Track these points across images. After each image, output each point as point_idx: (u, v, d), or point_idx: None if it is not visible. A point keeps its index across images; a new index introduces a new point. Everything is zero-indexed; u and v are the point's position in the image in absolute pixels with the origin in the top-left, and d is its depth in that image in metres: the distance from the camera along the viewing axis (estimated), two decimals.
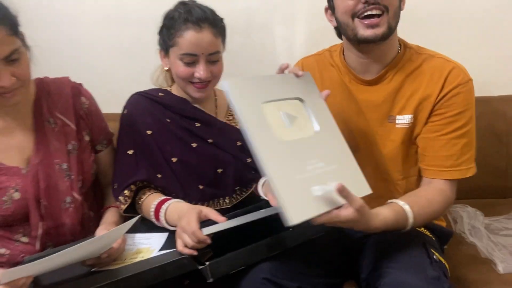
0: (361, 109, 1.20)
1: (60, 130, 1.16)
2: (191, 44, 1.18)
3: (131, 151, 1.23)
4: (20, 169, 1.10)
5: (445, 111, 1.11)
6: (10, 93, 1.02)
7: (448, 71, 1.12)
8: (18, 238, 1.11)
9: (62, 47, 1.75)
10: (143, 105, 1.27)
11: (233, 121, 1.36)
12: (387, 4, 1.06)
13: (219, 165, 1.28)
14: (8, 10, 1.01)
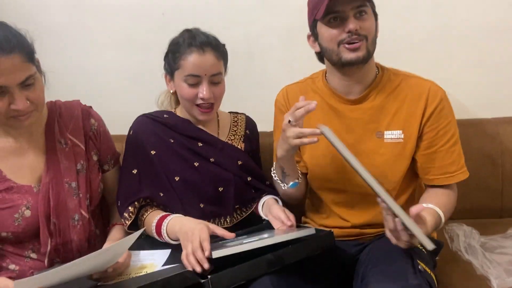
0: (349, 126, 1.27)
1: (70, 150, 1.21)
2: (194, 66, 1.26)
3: (135, 170, 1.29)
4: (32, 188, 1.15)
5: (436, 126, 1.23)
6: (24, 116, 1.07)
7: (428, 89, 1.24)
8: (27, 254, 1.15)
9: (74, 72, 1.84)
10: (148, 126, 1.33)
11: (234, 141, 1.42)
12: (366, 34, 1.18)
13: (220, 183, 1.33)
14: (25, 38, 1.08)
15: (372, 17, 1.21)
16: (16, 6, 1.77)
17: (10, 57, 1.00)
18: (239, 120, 1.49)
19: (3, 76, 1.00)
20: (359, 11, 1.17)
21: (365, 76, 1.25)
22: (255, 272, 1.05)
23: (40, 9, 1.79)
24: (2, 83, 1.00)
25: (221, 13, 1.83)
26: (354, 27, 1.15)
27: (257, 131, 1.51)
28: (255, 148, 1.49)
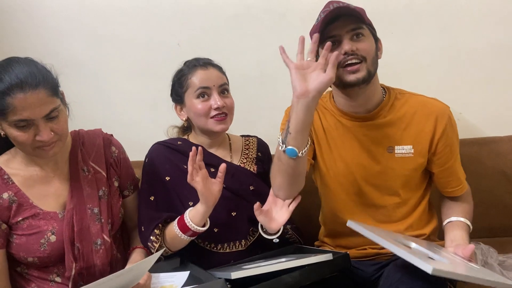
0: (362, 143, 1.31)
1: (93, 177, 1.27)
2: (202, 80, 1.35)
3: (152, 197, 1.34)
4: (57, 214, 1.20)
5: (450, 142, 1.29)
6: (49, 146, 1.13)
7: (436, 108, 1.29)
8: (52, 278, 1.20)
9: (95, 102, 1.92)
10: (163, 153, 1.39)
11: (247, 164, 1.46)
12: (364, 55, 1.20)
13: (233, 208, 1.37)
14: (50, 73, 1.14)
15: (370, 39, 1.23)
16: (39, 41, 1.86)
17: (35, 92, 1.06)
18: (251, 143, 1.53)
19: (29, 110, 1.06)
20: (355, 33, 1.20)
21: (370, 97, 1.28)
22: None
23: (62, 44, 1.88)
24: (28, 116, 1.07)
25: (233, 39, 1.90)
26: (349, 48, 1.18)
27: (270, 153, 1.54)
28: (268, 169, 1.49)
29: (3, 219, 1.16)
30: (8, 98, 1.04)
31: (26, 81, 1.06)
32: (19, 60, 1.11)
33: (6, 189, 1.16)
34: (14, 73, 1.06)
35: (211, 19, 1.88)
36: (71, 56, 1.87)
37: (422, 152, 1.29)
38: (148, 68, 1.89)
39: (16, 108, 1.05)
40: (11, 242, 1.16)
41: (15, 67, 1.08)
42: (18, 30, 1.87)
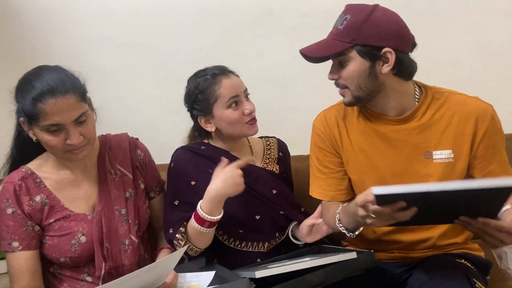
0: (396, 148, 1.24)
1: (120, 179, 1.30)
2: (232, 88, 1.36)
3: (176, 202, 1.37)
4: (86, 215, 1.24)
5: (493, 144, 1.21)
6: (79, 149, 1.17)
7: (477, 109, 1.20)
8: (83, 277, 1.24)
9: (120, 107, 1.97)
10: (188, 158, 1.40)
11: (269, 164, 1.47)
12: (344, 83, 1.19)
13: (257, 212, 1.38)
14: (78, 80, 1.19)
15: (357, 62, 1.15)
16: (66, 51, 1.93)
17: (65, 98, 1.11)
18: (271, 144, 1.54)
19: (60, 115, 1.11)
20: (340, 60, 1.17)
21: (392, 103, 1.22)
22: None
23: (88, 53, 1.95)
24: (59, 121, 1.11)
25: (254, 43, 1.92)
26: (329, 76, 1.21)
27: (289, 152, 1.56)
28: (288, 169, 1.53)
29: (36, 221, 1.21)
30: (40, 104, 1.09)
31: (56, 88, 1.10)
32: (49, 68, 1.17)
33: (39, 192, 1.21)
34: (45, 80, 1.11)
35: (232, 23, 1.92)
36: (97, 64, 1.93)
37: (463, 156, 1.20)
38: (172, 73, 1.93)
39: (47, 114, 1.10)
40: (44, 243, 1.21)
41: (46, 74, 1.13)
42: (45, 42, 1.94)
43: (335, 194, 1.34)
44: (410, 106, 1.23)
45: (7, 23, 1.93)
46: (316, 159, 1.37)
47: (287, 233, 1.42)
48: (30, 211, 1.20)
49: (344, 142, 1.31)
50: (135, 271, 0.97)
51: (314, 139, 1.38)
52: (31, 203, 1.20)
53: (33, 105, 1.10)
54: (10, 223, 1.18)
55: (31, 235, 1.19)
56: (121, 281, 0.96)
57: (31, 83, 1.12)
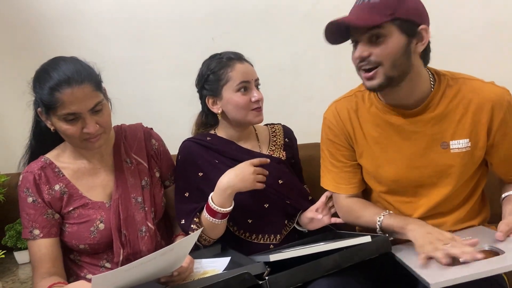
0: (411, 140, 1.21)
1: (135, 168, 1.33)
2: (243, 74, 1.37)
3: (187, 193, 1.39)
4: (104, 203, 1.27)
5: (509, 131, 1.18)
6: (95, 138, 1.20)
7: (493, 95, 1.17)
8: (102, 264, 1.27)
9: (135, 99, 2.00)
10: (194, 150, 1.43)
11: (275, 151, 1.48)
12: (379, 60, 1.11)
13: (265, 200, 1.39)
14: (93, 70, 1.22)
15: (394, 38, 1.09)
16: (83, 45, 1.97)
17: (81, 87, 1.14)
18: (277, 130, 1.55)
19: (76, 103, 1.14)
20: (372, 34, 1.10)
21: (412, 92, 1.18)
22: (312, 274, 1.08)
23: (104, 46, 1.99)
24: (76, 110, 1.14)
25: (266, 32, 1.93)
26: (359, 55, 1.12)
27: (295, 138, 1.56)
28: (295, 155, 1.53)
29: (56, 209, 1.24)
30: (57, 93, 1.12)
31: (72, 77, 1.13)
32: (65, 58, 1.19)
33: (58, 181, 1.25)
34: (61, 70, 1.14)
35: (244, 13, 1.92)
36: (113, 57, 1.96)
37: (480, 144, 1.18)
38: (185, 65, 1.93)
39: (65, 103, 1.13)
40: (64, 231, 1.24)
41: (61, 65, 1.16)
42: (62, 36, 1.99)
43: (348, 188, 1.35)
44: (426, 94, 1.19)
45: (26, 17, 1.98)
46: (329, 153, 1.36)
47: (293, 225, 1.43)
48: (50, 200, 1.23)
49: (358, 135, 1.30)
50: (152, 254, 0.99)
51: (325, 131, 1.36)
52: (51, 192, 1.23)
53: (50, 95, 1.12)
54: (31, 212, 1.21)
55: (51, 223, 1.22)
56: (139, 263, 0.98)
57: (48, 73, 1.15)
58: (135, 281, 1.03)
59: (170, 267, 1.10)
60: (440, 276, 0.98)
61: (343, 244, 1.13)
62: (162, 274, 1.11)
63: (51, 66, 1.17)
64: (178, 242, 1.05)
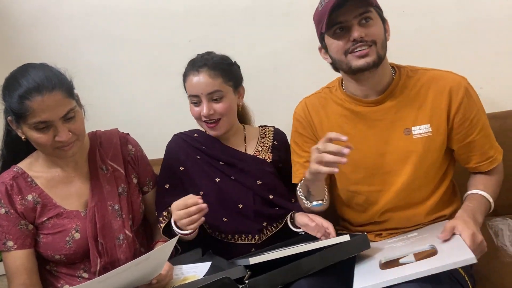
0: (375, 128, 1.27)
1: (111, 175, 1.31)
2: (191, 87, 1.37)
3: (167, 185, 1.41)
4: (80, 212, 1.24)
5: (468, 116, 1.23)
6: (68, 146, 1.17)
7: (450, 81, 1.24)
8: (79, 274, 1.24)
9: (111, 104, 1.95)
10: (179, 144, 1.46)
11: (262, 152, 1.47)
12: (373, 39, 1.18)
13: (239, 200, 1.38)
14: (64, 76, 1.19)
15: (378, 22, 1.21)
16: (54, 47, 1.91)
17: (52, 94, 1.11)
18: (267, 132, 1.54)
19: (47, 111, 1.11)
20: (363, 17, 1.17)
21: (380, 80, 1.25)
22: (292, 276, 1.08)
23: (76, 49, 1.93)
24: (47, 118, 1.11)
25: (245, 32, 1.90)
26: (358, 35, 1.16)
27: (287, 142, 1.53)
28: (285, 159, 1.50)
29: (29, 220, 1.21)
30: (27, 101, 1.09)
31: (42, 84, 1.10)
32: (34, 65, 1.17)
33: (30, 191, 1.22)
34: (30, 77, 1.11)
35: (221, 13, 1.90)
36: (86, 61, 1.92)
37: (440, 129, 1.24)
38: (161, 67, 1.92)
39: (35, 111, 1.10)
40: (39, 241, 1.22)
41: (31, 72, 1.13)
42: (31, 38, 1.93)
43: None
44: (388, 83, 1.26)
45: None
46: (296, 145, 1.41)
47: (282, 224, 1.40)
48: (23, 210, 1.20)
49: (325, 127, 1.33)
50: (126, 264, 0.97)
51: (295, 125, 1.42)
52: (24, 202, 1.20)
53: (20, 103, 1.10)
54: (4, 223, 1.18)
55: (25, 233, 1.20)
56: (114, 273, 0.96)
57: (17, 80, 1.12)
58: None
59: (148, 276, 1.08)
60: (363, 281, 1.04)
61: (323, 244, 1.14)
62: (140, 283, 1.09)
63: (20, 73, 1.14)
64: (154, 250, 1.04)
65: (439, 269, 0.97)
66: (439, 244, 1.07)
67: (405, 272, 1.00)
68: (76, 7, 1.93)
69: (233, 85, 1.41)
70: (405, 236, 1.25)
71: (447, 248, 1.04)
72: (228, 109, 1.38)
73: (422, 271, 0.98)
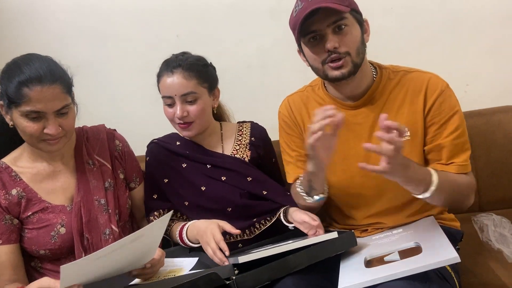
0: (355, 132, 1.25)
1: (98, 170, 1.30)
2: (164, 89, 1.35)
3: (155, 195, 1.40)
4: (65, 207, 1.23)
5: (438, 120, 1.20)
6: (54, 140, 1.16)
7: (426, 82, 1.21)
8: None
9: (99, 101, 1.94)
10: (161, 155, 1.43)
11: (239, 151, 1.45)
12: (347, 49, 1.15)
13: (228, 204, 1.36)
14: (66, 72, 1.20)
15: (354, 27, 1.17)
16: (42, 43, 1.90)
17: (52, 87, 1.11)
18: (244, 129, 1.51)
19: (43, 102, 1.11)
20: (337, 25, 1.14)
21: (359, 84, 1.24)
22: (278, 273, 1.08)
23: (64, 45, 1.92)
24: (41, 109, 1.11)
25: (233, 29, 1.90)
26: (332, 46, 1.14)
27: (266, 137, 1.52)
28: (264, 154, 1.48)
29: (14, 215, 1.19)
30: (26, 88, 1.09)
31: (45, 76, 1.11)
32: (39, 56, 1.17)
33: (15, 185, 1.20)
34: (34, 67, 1.11)
35: (209, 9, 1.89)
36: (73, 57, 1.85)
37: (419, 132, 1.21)
38: (150, 63, 1.87)
39: (31, 99, 1.10)
40: (23, 236, 1.20)
41: (35, 61, 1.13)
42: (20, 34, 1.91)
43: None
44: (369, 86, 1.24)
45: None
46: (286, 145, 1.39)
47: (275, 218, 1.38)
48: (7, 205, 1.19)
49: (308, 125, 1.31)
50: (121, 240, 0.96)
51: (281, 125, 1.40)
52: (8, 197, 1.19)
53: (18, 89, 1.09)
54: None
55: (10, 228, 1.18)
56: (109, 250, 0.94)
57: (20, 67, 1.11)
58: (106, 273, 1.00)
59: (142, 257, 1.07)
60: (349, 280, 1.04)
61: (310, 242, 1.14)
62: (134, 266, 1.08)
63: (23, 61, 1.14)
64: (147, 226, 1.02)
65: (423, 268, 0.98)
66: (424, 242, 1.08)
67: (390, 271, 1.01)
68: (64, 2, 1.91)
69: (208, 87, 1.38)
70: (390, 232, 1.25)
71: (432, 246, 1.05)
72: (202, 111, 1.35)
73: (406, 270, 0.99)
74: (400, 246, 1.12)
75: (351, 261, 1.14)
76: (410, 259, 1.03)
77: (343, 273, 1.10)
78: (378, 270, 1.04)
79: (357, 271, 1.07)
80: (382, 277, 1.00)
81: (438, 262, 0.97)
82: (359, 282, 1.02)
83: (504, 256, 1.30)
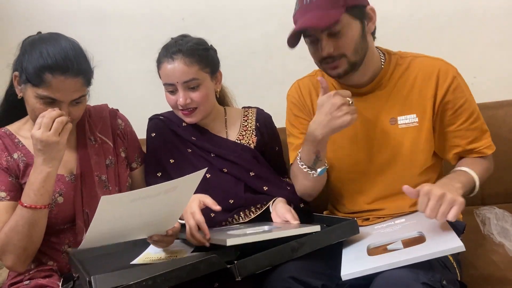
0: (362, 116, 1.24)
1: (100, 146, 1.29)
2: (166, 76, 1.31)
3: (159, 173, 1.37)
4: (64, 176, 1.22)
5: (453, 105, 1.20)
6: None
7: (438, 68, 1.21)
8: (64, 249, 1.21)
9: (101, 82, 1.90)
10: (166, 134, 1.39)
11: (245, 136, 1.43)
12: (342, 52, 1.14)
13: (230, 196, 1.34)
14: (90, 65, 1.19)
15: (351, 27, 1.13)
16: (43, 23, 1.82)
17: (75, 80, 1.11)
18: (250, 114, 1.49)
19: (62, 92, 1.11)
20: (330, 32, 1.13)
21: (365, 72, 1.23)
22: (280, 258, 1.06)
23: (67, 25, 1.88)
24: (59, 97, 1.11)
25: (238, 14, 1.88)
26: (326, 53, 1.14)
27: (271, 124, 1.50)
28: (270, 140, 1.46)
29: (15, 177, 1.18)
30: (48, 75, 1.08)
31: (72, 67, 1.10)
32: (67, 39, 1.16)
33: (16, 150, 1.20)
34: (61, 54, 1.10)
35: None
36: (76, 37, 1.86)
37: (427, 119, 1.21)
38: (153, 45, 1.87)
39: (51, 86, 1.09)
40: None
41: (63, 44, 1.12)
42: (20, 14, 1.88)
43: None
44: (377, 72, 1.24)
45: None
46: (292, 127, 1.38)
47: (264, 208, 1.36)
48: (8, 167, 1.18)
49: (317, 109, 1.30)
50: (153, 186, 0.95)
51: (290, 107, 1.39)
52: (9, 159, 1.18)
53: (40, 71, 1.08)
54: None
55: (17, 187, 1.17)
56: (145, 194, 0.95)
57: (46, 48, 1.10)
58: (134, 226, 1.02)
59: (168, 217, 1.07)
60: (351, 267, 1.03)
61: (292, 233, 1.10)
62: (158, 228, 1.08)
63: (51, 42, 1.12)
64: (182, 178, 0.98)
65: (427, 257, 0.97)
66: (427, 231, 1.07)
67: (393, 259, 1.00)
68: None
69: (210, 71, 1.35)
70: (393, 222, 1.24)
71: (436, 235, 1.04)
72: (205, 97, 1.33)
73: (410, 258, 0.98)
74: (403, 235, 1.11)
75: (354, 249, 1.13)
76: (413, 248, 1.02)
77: (345, 261, 1.09)
78: (380, 258, 1.03)
79: (360, 259, 1.07)
80: (385, 265, 0.99)
81: (443, 251, 0.96)
82: (361, 269, 1.01)
83: (505, 249, 1.30)
